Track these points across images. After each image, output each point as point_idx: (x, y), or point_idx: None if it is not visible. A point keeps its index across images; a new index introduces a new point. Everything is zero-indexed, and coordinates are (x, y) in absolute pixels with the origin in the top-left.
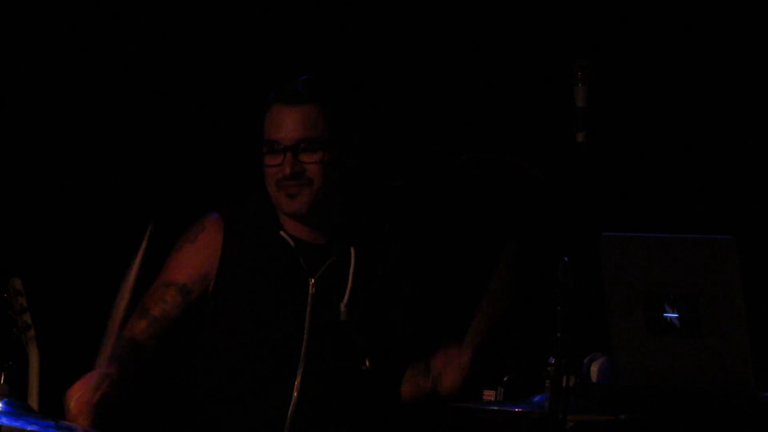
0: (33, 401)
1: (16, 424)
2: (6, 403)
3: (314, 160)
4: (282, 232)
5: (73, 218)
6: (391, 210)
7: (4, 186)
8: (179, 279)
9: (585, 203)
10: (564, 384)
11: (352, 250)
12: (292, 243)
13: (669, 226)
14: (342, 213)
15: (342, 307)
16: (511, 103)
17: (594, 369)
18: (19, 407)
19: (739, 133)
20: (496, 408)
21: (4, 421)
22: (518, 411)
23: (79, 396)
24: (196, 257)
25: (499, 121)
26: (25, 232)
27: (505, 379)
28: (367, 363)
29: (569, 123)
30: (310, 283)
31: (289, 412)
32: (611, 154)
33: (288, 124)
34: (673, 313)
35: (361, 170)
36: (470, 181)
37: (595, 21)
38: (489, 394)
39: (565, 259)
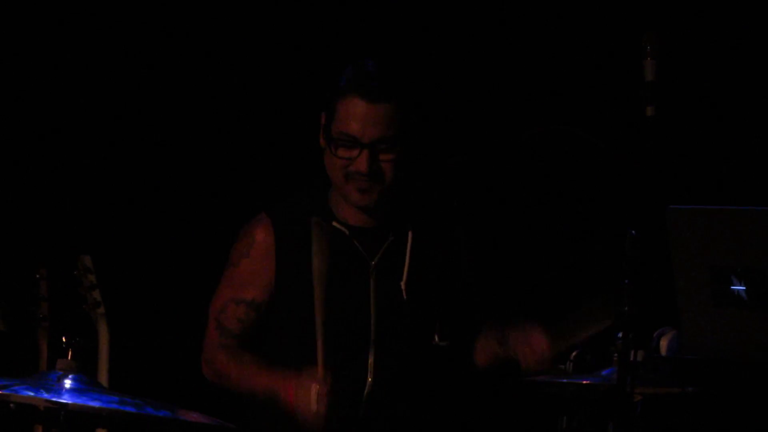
0: (103, 378)
1: (80, 400)
2: (74, 379)
3: (390, 159)
4: (335, 223)
5: (141, 196)
6: (454, 186)
7: (75, 165)
8: (247, 296)
9: (652, 177)
10: (632, 358)
11: (410, 232)
12: (346, 231)
13: (736, 199)
14: (399, 195)
15: (402, 285)
16: (579, 76)
17: (663, 343)
18: (86, 383)
19: None
20: (565, 381)
21: (67, 398)
22: (587, 383)
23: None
24: (255, 270)
25: (568, 95)
26: (95, 210)
27: (574, 354)
28: (437, 338)
29: (638, 97)
30: (371, 266)
31: (365, 393)
32: (679, 127)
33: (368, 121)
34: (740, 285)
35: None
36: (535, 156)
37: None
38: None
39: (633, 232)
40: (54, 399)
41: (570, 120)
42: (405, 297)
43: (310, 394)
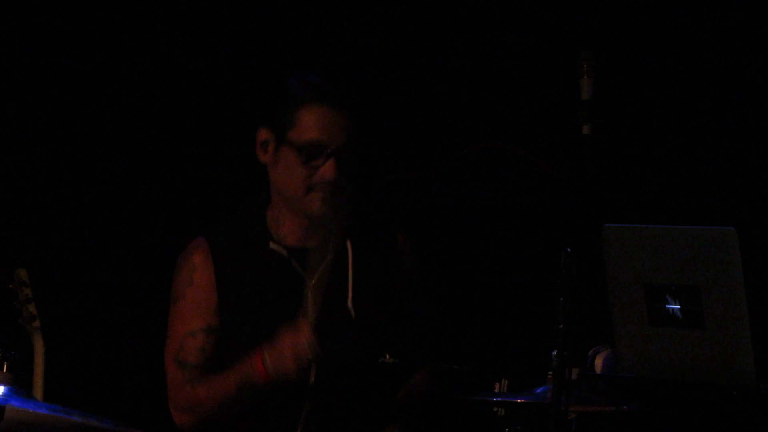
0: (38, 391)
1: (26, 406)
2: (9, 390)
3: (350, 166)
4: (272, 244)
5: (77, 211)
6: (392, 202)
7: (10, 179)
8: (201, 324)
9: (588, 195)
10: (567, 375)
11: (349, 243)
12: (284, 252)
13: (671, 217)
14: (338, 211)
15: (349, 305)
16: (516, 95)
17: (598, 362)
18: (21, 394)
19: (742, 126)
20: (499, 399)
21: (14, 403)
22: (521, 402)
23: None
24: (202, 297)
25: (505, 113)
26: (31, 223)
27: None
28: (387, 357)
29: (574, 115)
30: (309, 286)
31: (302, 415)
32: (615, 146)
33: (334, 128)
34: (675, 304)
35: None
36: (474, 173)
37: (600, 12)
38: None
39: (568, 250)
40: None
41: (507, 137)
42: (353, 316)
43: (284, 351)
